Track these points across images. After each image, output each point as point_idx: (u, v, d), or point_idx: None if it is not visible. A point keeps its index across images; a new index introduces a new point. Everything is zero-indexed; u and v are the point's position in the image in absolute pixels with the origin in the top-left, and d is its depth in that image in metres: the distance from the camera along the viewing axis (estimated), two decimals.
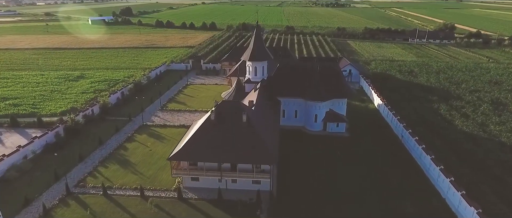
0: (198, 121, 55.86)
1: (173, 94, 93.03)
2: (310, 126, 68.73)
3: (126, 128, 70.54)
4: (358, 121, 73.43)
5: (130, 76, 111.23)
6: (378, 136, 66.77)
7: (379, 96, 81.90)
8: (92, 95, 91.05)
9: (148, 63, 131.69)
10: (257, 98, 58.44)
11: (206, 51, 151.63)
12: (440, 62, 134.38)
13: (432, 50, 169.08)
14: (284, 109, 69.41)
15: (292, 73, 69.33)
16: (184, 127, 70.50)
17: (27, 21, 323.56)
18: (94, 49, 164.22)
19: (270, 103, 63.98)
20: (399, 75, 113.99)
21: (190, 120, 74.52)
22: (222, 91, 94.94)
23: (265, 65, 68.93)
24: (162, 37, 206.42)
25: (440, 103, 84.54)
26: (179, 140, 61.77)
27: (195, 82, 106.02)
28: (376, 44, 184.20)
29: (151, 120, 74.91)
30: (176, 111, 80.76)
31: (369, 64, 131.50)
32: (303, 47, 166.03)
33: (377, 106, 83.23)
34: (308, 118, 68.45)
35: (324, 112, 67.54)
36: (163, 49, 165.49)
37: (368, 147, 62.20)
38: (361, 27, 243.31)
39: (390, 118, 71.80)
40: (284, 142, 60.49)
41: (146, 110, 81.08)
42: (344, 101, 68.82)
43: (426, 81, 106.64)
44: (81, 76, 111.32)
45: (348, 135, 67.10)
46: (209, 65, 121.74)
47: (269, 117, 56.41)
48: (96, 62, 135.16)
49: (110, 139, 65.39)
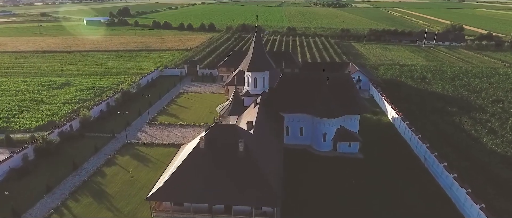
0: (186, 145, 47.12)
1: (165, 105, 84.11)
2: (318, 146, 59.90)
3: (107, 147, 61.66)
4: (372, 137, 64.47)
5: (120, 83, 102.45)
6: (396, 158, 57.82)
7: (394, 109, 72.97)
8: (74, 106, 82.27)
9: (141, 68, 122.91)
10: (257, 116, 49.65)
11: (203, 54, 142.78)
12: (453, 67, 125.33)
13: (442, 53, 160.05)
14: (288, 126, 60.59)
15: (297, 84, 60.49)
16: (174, 146, 61.68)
17: (21, 22, 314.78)
18: (85, 52, 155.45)
19: (273, 122, 55.15)
20: (411, 82, 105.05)
21: (181, 137, 65.72)
22: (218, 101, 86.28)
23: (266, 76, 60.10)
24: (158, 39, 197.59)
25: (461, 116, 75.61)
26: (166, 164, 53.28)
27: (189, 90, 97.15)
28: (382, 47, 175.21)
29: (137, 137, 66.02)
30: (166, 125, 71.89)
31: (377, 69, 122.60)
32: (306, 50, 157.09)
33: (391, 120, 74.30)
34: (316, 136, 59.61)
35: (334, 129, 58.69)
36: (158, 52, 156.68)
37: (387, 172, 53.30)
38: (365, 28, 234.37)
39: (409, 135, 62.88)
40: (288, 165, 51.76)
41: (133, 124, 72.26)
42: (357, 117, 59.91)
43: (441, 89, 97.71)
44: (66, 84, 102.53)
45: (362, 156, 58.21)
46: (205, 71, 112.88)
47: (271, 141, 47.54)
48: (85, 67, 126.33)
49: (87, 162, 56.51)
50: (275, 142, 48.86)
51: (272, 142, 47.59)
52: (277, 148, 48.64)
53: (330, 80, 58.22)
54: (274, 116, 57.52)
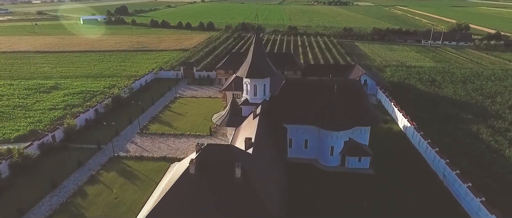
0: (176, 165, 41.39)
1: (158, 111, 78.30)
2: (325, 160, 54.15)
3: (92, 161, 55.91)
4: (382, 149, 58.63)
5: (112, 87, 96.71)
6: (411, 174, 52.04)
7: (405, 117, 67.15)
8: (61, 113, 76.55)
9: (135, 70, 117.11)
10: (257, 130, 43.86)
11: (201, 55, 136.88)
12: (463, 69, 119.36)
13: (450, 53, 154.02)
14: (291, 138, 54.81)
15: (301, 92, 54.72)
16: (165, 159, 55.99)
17: (17, 20, 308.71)
18: (78, 53, 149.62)
19: (275, 135, 49.38)
20: (420, 85, 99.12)
21: (174, 149, 59.99)
22: (216, 106, 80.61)
23: (267, 83, 54.28)
24: (155, 38, 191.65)
25: (478, 125, 69.79)
26: (156, 182, 47.72)
27: (185, 95, 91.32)
28: (386, 47, 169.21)
29: (126, 149, 60.26)
30: (158, 134, 66.12)
31: (383, 71, 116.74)
32: (308, 51, 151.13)
33: (402, 129, 68.49)
34: (322, 149, 53.85)
35: (342, 142, 52.93)
36: (155, 52, 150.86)
37: (401, 192, 47.57)
38: (368, 27, 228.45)
39: (424, 147, 57.09)
40: (292, 182, 46.06)
41: (122, 133, 66.51)
42: (368, 129, 54.10)
43: (453, 93, 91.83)
44: (54, 87, 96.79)
45: (373, 172, 52.50)
46: (202, 73, 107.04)
47: (273, 159, 41.73)
48: (77, 68, 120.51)
49: (67, 179, 50.76)
50: (278, 160, 43.09)
51: (274, 160, 41.82)
52: (281, 166, 42.88)
53: (337, 87, 52.34)
54: (276, 127, 51.77)
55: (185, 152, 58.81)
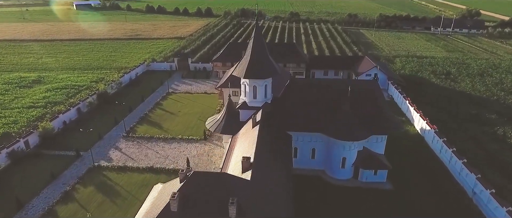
0: (160, 186, 34.25)
1: (148, 110, 70.81)
2: (334, 172, 47.07)
3: (68, 173, 48.87)
4: (399, 157, 51.39)
5: (100, 81, 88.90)
6: (435, 190, 45.01)
7: (424, 119, 59.68)
8: (40, 111, 69.09)
9: (126, 61, 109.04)
10: (257, 143, 36.51)
11: (197, 44, 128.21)
12: (479, 60, 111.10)
13: (462, 42, 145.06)
14: (296, 146, 47.63)
15: (309, 94, 47.16)
16: (152, 170, 48.98)
17: (8, 6, 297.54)
18: (67, 42, 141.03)
19: (278, 144, 42.13)
20: (434, 79, 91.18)
21: (163, 157, 52.88)
22: (212, 103, 73.29)
23: (268, 84, 46.58)
24: (150, 25, 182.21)
25: (504, 127, 62.39)
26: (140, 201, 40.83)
27: (179, 90, 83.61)
28: (394, 35, 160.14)
29: (108, 156, 53.11)
30: (146, 138, 58.84)
31: (392, 62, 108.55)
32: (311, 39, 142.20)
33: (420, 131, 61.15)
34: (332, 160, 46.69)
35: (355, 153, 45.72)
36: (149, 41, 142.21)
37: (424, 212, 40.73)
38: (374, 13, 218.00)
39: (448, 156, 49.85)
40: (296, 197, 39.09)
41: (105, 137, 59.27)
42: (385, 137, 46.78)
43: (470, 88, 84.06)
44: (37, 81, 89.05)
45: (391, 187, 45.50)
46: (198, 65, 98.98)
47: (276, 183, 34.45)
48: (63, 59, 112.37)
49: (37, 197, 43.75)
50: (282, 180, 35.91)
51: (277, 183, 34.61)
52: (285, 186, 35.73)
53: (351, 89, 44.64)
54: (279, 136, 44.50)
55: (175, 161, 51.78)
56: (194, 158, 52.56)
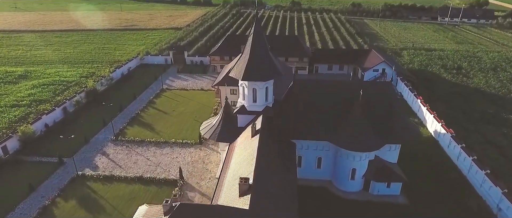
0: (144, 210, 29.66)
1: (139, 109, 65.88)
2: (343, 184, 42.51)
3: (49, 183, 44.29)
4: (412, 165, 46.79)
5: (90, 75, 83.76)
6: (455, 205, 40.56)
7: (438, 121, 54.80)
8: (24, 111, 64.18)
9: (120, 54, 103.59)
10: (257, 157, 31.79)
11: (195, 36, 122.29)
12: (491, 53, 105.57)
13: (471, 33, 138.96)
14: (301, 155, 42.98)
15: (315, 96, 42.18)
16: (141, 181, 44.44)
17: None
18: (58, 32, 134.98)
19: (281, 155, 37.41)
20: (445, 74, 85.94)
21: (154, 165, 48.26)
22: (209, 101, 68.54)
23: (270, 86, 41.52)
24: (146, 15, 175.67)
25: None
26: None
27: (173, 86, 78.49)
28: (400, 25, 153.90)
29: (93, 164, 48.46)
30: (137, 142, 54.10)
31: (400, 55, 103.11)
32: (313, 30, 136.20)
33: (433, 134, 56.39)
34: (340, 171, 42.08)
35: (366, 163, 41.05)
36: (144, 32, 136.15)
37: None
38: (378, 2, 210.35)
39: (467, 165, 45.22)
40: (300, 211, 34.83)
41: (92, 141, 54.55)
42: (399, 145, 42.02)
43: (485, 84, 78.97)
44: (24, 76, 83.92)
45: (405, 201, 41.01)
46: (195, 59, 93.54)
47: (281, 207, 29.72)
48: (53, 52, 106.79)
49: (12, 212, 39.17)
50: (287, 200, 31.26)
51: (282, 204, 29.93)
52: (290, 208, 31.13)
53: (363, 92, 39.60)
54: (282, 143, 39.78)
55: (167, 169, 47.21)
56: (188, 165, 47.96)
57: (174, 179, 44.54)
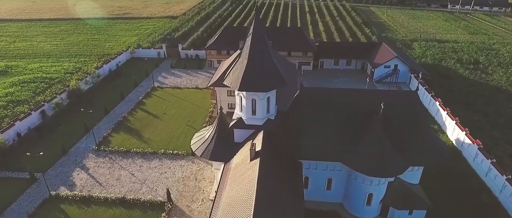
0: None
1: (127, 111, 59.46)
2: (356, 209, 36.55)
3: (16, 208, 38.25)
4: (434, 183, 40.76)
5: (76, 71, 77.04)
6: None
7: (462, 129, 48.41)
8: (0, 113, 57.86)
9: (110, 45, 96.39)
10: (258, 193, 25.72)
11: (191, 26, 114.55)
12: (507, 45, 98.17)
13: (485, 23, 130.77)
14: (308, 176, 36.87)
15: (325, 108, 35.66)
16: (123, 204, 38.47)
17: None
18: (47, 21, 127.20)
19: (285, 185, 31.29)
20: (461, 69, 79.03)
21: (140, 181, 42.27)
22: (204, 103, 62.23)
23: (272, 96, 34.97)
24: (140, 2, 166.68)
25: None
26: None
27: (166, 84, 71.87)
28: (408, 13, 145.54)
29: (70, 181, 42.44)
30: (121, 153, 47.97)
31: (410, 47, 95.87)
32: (317, 19, 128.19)
33: (455, 143, 50.15)
34: (354, 196, 36.04)
35: (385, 187, 34.96)
36: (137, 21, 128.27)
37: None
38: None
39: (499, 184, 39.18)
40: None
41: (71, 151, 48.42)
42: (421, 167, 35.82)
43: (506, 81, 72.19)
44: (4, 72, 77.27)
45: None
46: (190, 52, 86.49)
47: None
48: (39, 43, 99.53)
49: None
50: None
51: None
52: None
53: (384, 105, 33.06)
54: (287, 165, 33.62)
55: (154, 187, 41.25)
56: (178, 183, 41.96)
57: (161, 201, 38.60)
